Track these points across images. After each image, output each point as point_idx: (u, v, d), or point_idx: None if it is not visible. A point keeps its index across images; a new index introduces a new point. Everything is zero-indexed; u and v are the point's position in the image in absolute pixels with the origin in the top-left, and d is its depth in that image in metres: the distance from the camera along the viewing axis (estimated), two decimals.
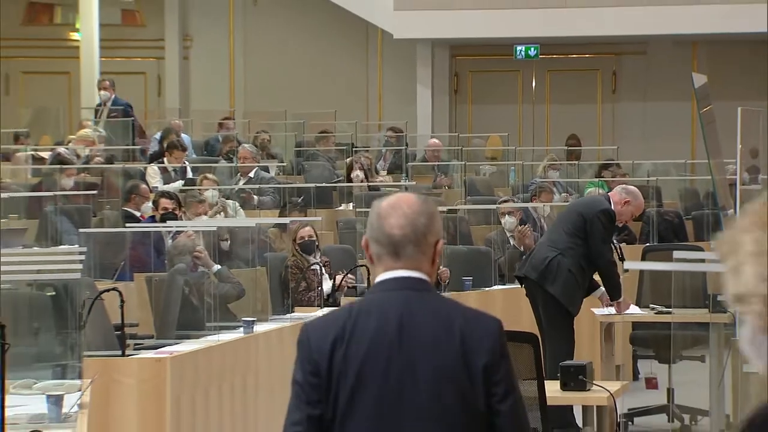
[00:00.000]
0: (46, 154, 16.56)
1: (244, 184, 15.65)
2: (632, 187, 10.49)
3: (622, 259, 12.79)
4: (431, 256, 4.09)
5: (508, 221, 13.43)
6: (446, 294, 11.69)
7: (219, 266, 10.57)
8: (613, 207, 10.31)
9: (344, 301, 10.92)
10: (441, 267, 12.07)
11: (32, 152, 17.03)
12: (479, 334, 4.06)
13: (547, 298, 10.17)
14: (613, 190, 10.77)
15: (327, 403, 3.99)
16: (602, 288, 10.41)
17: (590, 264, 10.32)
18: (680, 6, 19.12)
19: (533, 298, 10.60)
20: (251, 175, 15.90)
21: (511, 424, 4.02)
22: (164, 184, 14.63)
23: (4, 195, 12.79)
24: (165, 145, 16.91)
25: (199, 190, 13.45)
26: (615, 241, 13.94)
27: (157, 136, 17.82)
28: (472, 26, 20.11)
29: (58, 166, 15.48)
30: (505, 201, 14.44)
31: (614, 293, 10.47)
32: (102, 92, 18.54)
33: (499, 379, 4.01)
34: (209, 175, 14.39)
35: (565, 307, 10.10)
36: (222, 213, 12.77)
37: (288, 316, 10.22)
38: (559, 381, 7.24)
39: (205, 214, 12.20)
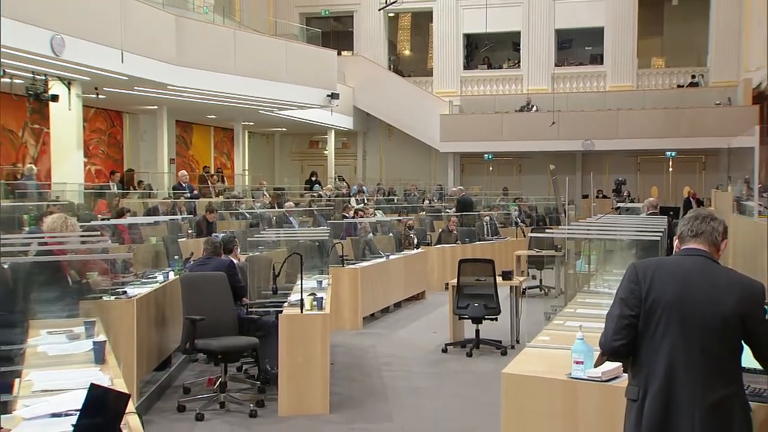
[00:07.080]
0: (317, 194, 16.67)
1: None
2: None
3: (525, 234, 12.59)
4: None
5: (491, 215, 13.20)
6: (459, 244, 11.46)
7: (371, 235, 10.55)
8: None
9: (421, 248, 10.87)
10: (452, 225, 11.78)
11: (311, 193, 17.16)
12: None
13: None
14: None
15: None
16: None
17: None
18: (539, 141, 18.79)
19: None
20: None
21: None
22: (357, 205, 14.67)
23: (301, 208, 12.89)
24: (357, 191, 16.97)
25: (368, 208, 13.42)
26: (519, 223, 13.72)
27: (355, 188, 17.85)
28: (468, 147, 19.96)
29: (319, 198, 15.61)
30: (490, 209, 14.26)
31: None
32: (337, 180, 18.55)
33: None
34: (370, 206, 14.36)
35: None
36: (373, 215, 12.71)
37: (402, 253, 10.13)
38: (501, 277, 7.12)
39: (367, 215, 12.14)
